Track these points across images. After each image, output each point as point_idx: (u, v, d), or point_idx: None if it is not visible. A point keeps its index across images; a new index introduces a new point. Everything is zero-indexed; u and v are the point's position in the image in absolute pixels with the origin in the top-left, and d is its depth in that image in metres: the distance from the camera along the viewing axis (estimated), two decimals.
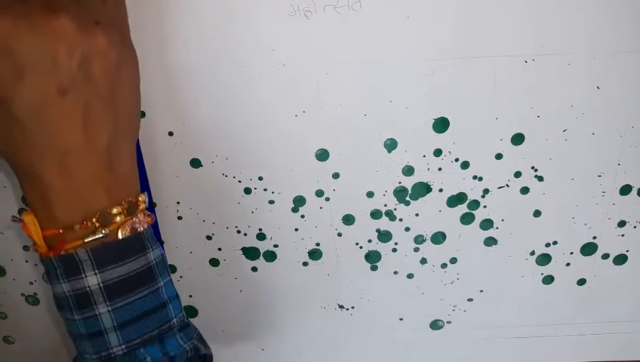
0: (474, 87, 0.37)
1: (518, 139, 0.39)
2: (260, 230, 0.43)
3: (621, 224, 0.42)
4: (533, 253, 0.44)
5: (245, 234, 0.43)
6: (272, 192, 0.41)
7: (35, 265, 0.45)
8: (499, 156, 0.39)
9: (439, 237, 0.43)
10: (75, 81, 0.28)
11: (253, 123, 0.38)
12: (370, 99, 0.37)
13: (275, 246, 0.44)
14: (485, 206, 0.41)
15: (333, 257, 0.44)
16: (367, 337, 0.48)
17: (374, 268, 0.44)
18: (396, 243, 0.43)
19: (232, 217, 0.42)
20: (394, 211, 0.42)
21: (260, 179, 0.40)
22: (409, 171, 0.40)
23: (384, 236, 0.43)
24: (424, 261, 0.44)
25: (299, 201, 0.41)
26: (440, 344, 0.48)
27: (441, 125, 0.38)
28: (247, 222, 0.43)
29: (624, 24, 0.34)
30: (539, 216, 0.42)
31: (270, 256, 0.44)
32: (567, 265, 0.44)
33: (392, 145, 0.39)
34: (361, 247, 0.43)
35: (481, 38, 0.35)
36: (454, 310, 0.47)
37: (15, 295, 0.47)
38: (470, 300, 0.46)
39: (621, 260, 0.44)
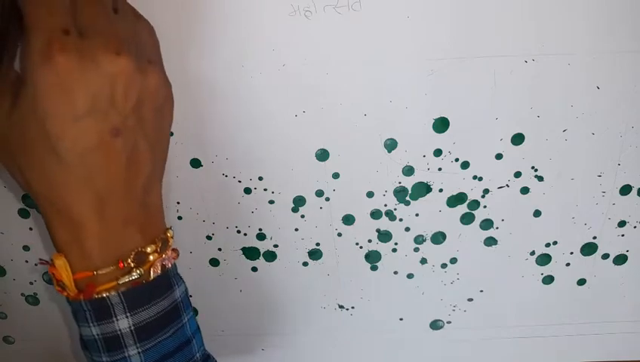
0: (474, 87, 0.37)
1: (518, 139, 0.39)
2: (260, 230, 0.43)
3: (621, 224, 0.42)
4: (533, 253, 0.44)
5: (245, 234, 0.43)
6: (272, 192, 0.41)
7: (35, 265, 0.45)
8: (499, 156, 0.39)
9: (439, 237, 0.43)
10: (128, 123, 0.27)
11: (253, 123, 0.38)
12: (370, 99, 0.37)
13: (275, 246, 0.44)
14: (485, 206, 0.41)
15: (333, 257, 0.44)
16: (368, 337, 0.48)
17: (374, 268, 0.44)
18: (396, 243, 0.43)
19: (232, 217, 0.42)
20: (394, 211, 0.42)
21: (260, 179, 0.40)
22: (409, 171, 0.40)
23: (384, 236, 0.43)
24: (424, 261, 0.44)
25: (299, 201, 0.41)
26: (440, 344, 0.48)
27: (441, 125, 0.38)
28: (247, 222, 0.43)
29: (624, 24, 0.34)
30: (539, 216, 0.42)
31: (270, 256, 0.44)
32: (567, 265, 0.44)
33: (392, 145, 0.39)
34: (361, 247, 0.43)
35: (481, 38, 0.35)
36: (454, 310, 0.47)
37: (15, 295, 0.47)
38: (470, 300, 0.46)
39: (621, 260, 0.44)
